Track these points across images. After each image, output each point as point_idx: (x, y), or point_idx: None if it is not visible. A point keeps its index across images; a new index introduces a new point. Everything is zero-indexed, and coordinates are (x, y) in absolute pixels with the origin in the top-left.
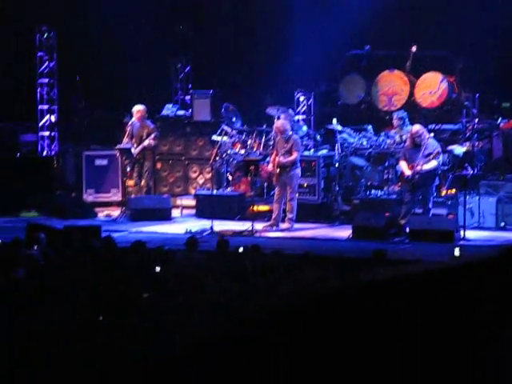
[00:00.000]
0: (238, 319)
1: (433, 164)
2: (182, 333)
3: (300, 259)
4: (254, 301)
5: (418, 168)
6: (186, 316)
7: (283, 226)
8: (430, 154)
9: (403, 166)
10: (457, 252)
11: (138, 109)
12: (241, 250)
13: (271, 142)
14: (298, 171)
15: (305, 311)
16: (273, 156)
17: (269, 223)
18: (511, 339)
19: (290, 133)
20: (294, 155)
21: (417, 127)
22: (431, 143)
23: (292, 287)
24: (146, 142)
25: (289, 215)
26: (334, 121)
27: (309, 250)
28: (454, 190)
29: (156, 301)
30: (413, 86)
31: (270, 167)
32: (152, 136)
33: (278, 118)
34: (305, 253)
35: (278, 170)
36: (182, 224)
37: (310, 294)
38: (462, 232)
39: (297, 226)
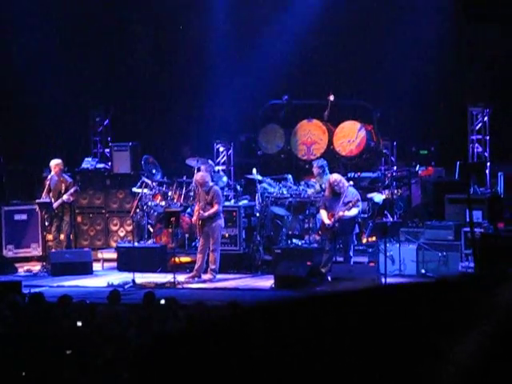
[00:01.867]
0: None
1: (353, 211)
2: None
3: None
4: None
5: (338, 216)
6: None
7: (205, 276)
8: (349, 202)
9: (323, 214)
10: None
11: (55, 163)
12: (162, 301)
13: (192, 193)
14: (221, 222)
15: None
16: (196, 207)
17: (191, 274)
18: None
19: (211, 184)
20: (215, 207)
21: (335, 176)
22: (350, 191)
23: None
24: (64, 197)
25: (211, 266)
26: (254, 171)
27: (234, 300)
28: (374, 238)
29: (79, 358)
30: (331, 134)
31: (193, 219)
32: (71, 191)
33: (198, 169)
34: (230, 302)
35: (200, 222)
36: (104, 277)
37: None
38: (383, 279)
39: (219, 276)
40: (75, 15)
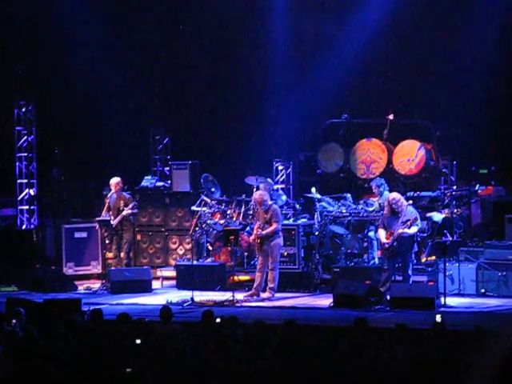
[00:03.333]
0: None
1: (412, 230)
2: None
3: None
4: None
5: (397, 234)
6: None
7: (264, 295)
8: (408, 221)
9: (381, 234)
10: (438, 318)
11: (115, 181)
12: (218, 320)
13: (250, 212)
14: (280, 240)
15: None
16: (255, 226)
17: (249, 293)
18: None
19: (270, 202)
20: (274, 226)
21: (393, 195)
22: (409, 210)
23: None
24: (124, 212)
25: (270, 285)
26: (313, 189)
27: (291, 318)
28: (433, 257)
29: (139, 375)
30: (391, 153)
31: (251, 238)
32: (130, 205)
33: (257, 188)
34: (288, 320)
35: (259, 241)
36: (163, 295)
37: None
38: (442, 299)
39: (277, 295)
40: (137, 33)
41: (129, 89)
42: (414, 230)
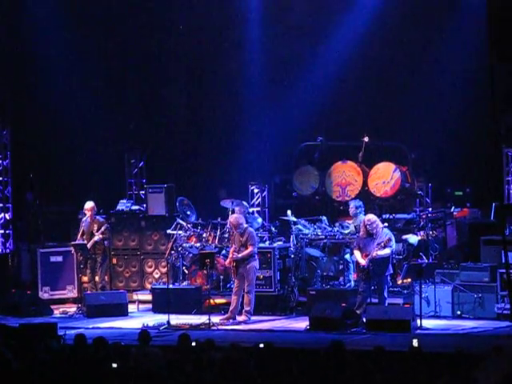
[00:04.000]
0: None
1: (386, 251)
2: None
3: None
4: None
5: (371, 256)
6: None
7: (240, 318)
8: (381, 242)
9: (357, 255)
10: (415, 343)
11: (89, 206)
12: (193, 344)
13: (226, 235)
14: (256, 263)
15: None
16: (231, 249)
17: (226, 316)
18: None
19: (245, 226)
20: (250, 249)
21: (369, 216)
22: (384, 232)
23: None
24: (96, 237)
25: (246, 308)
26: (289, 212)
27: (268, 342)
28: (409, 279)
29: None
30: (366, 176)
31: (227, 262)
32: (102, 229)
33: (233, 211)
34: (265, 344)
35: (235, 264)
36: (139, 319)
37: None
38: (418, 321)
39: (254, 318)
40: (110, 58)
41: (103, 112)
42: (387, 251)
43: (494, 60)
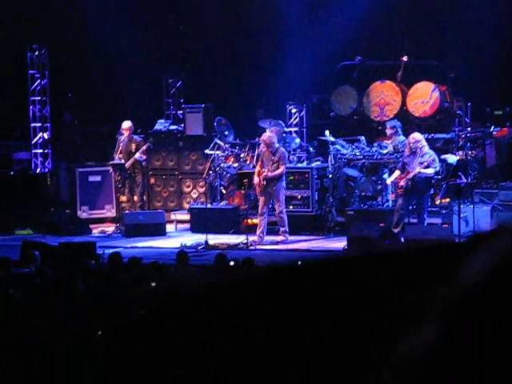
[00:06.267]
0: None
1: (429, 170)
2: None
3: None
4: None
5: (413, 174)
6: None
7: (278, 238)
8: (425, 162)
9: (395, 174)
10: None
11: (127, 125)
12: (231, 263)
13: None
14: (284, 184)
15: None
16: (257, 168)
17: (255, 240)
18: None
19: (277, 145)
20: (281, 169)
21: (414, 135)
22: (428, 152)
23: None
24: (136, 155)
25: (281, 228)
26: (327, 132)
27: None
28: (448, 199)
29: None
30: (405, 95)
31: (255, 180)
32: (143, 148)
33: (271, 131)
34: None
35: (264, 183)
36: (177, 239)
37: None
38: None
39: (291, 238)
40: None
41: (142, 32)
42: (430, 170)
43: None
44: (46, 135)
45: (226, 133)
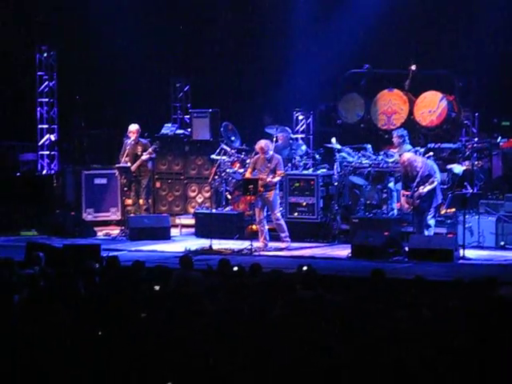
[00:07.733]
0: None
1: (432, 185)
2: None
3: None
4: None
5: (417, 194)
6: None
7: (282, 245)
8: (420, 181)
9: (402, 200)
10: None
11: (134, 128)
12: (235, 268)
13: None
14: (278, 191)
15: None
16: (247, 174)
17: (259, 246)
18: None
19: (271, 152)
20: (281, 174)
21: (405, 156)
22: (420, 167)
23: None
24: (143, 157)
25: (282, 234)
26: (333, 140)
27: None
28: (453, 209)
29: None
30: (412, 104)
31: (261, 184)
32: (150, 149)
33: (277, 138)
34: (307, 269)
35: (262, 189)
36: (181, 243)
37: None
38: (461, 251)
39: (295, 245)
40: None
41: (150, 36)
42: (432, 185)
43: None
44: (52, 137)
45: (233, 138)
